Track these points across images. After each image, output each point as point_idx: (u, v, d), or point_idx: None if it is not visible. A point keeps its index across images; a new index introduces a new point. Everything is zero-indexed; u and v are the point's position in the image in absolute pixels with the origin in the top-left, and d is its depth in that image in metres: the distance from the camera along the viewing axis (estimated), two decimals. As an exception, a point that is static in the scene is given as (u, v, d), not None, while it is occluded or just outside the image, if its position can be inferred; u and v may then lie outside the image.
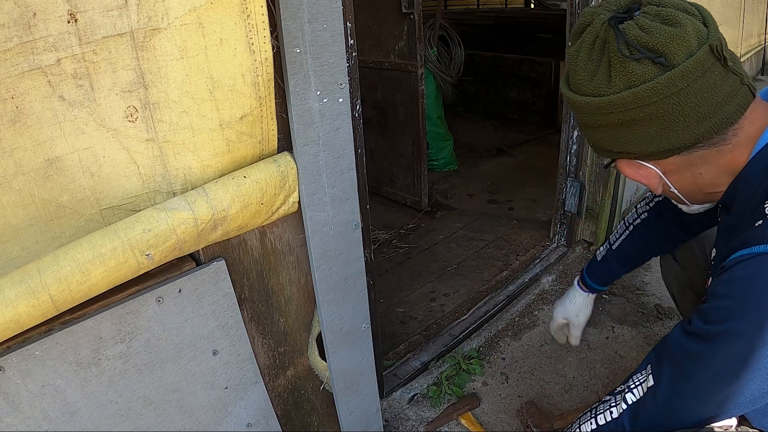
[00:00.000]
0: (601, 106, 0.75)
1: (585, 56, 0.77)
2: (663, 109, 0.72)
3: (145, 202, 0.80)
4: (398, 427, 1.56)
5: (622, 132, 0.77)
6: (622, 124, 0.75)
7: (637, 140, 0.76)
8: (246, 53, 0.80)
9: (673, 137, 0.74)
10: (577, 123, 0.89)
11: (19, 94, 0.65)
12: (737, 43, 4.34)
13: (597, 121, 0.78)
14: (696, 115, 0.73)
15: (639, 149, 0.78)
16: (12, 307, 0.67)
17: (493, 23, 5.16)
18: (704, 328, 0.72)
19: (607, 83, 0.74)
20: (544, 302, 2.08)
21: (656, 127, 0.74)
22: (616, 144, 0.79)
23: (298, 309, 1.13)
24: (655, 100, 0.71)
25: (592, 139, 0.84)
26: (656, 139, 0.75)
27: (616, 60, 0.72)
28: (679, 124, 0.73)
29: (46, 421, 0.79)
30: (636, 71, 0.71)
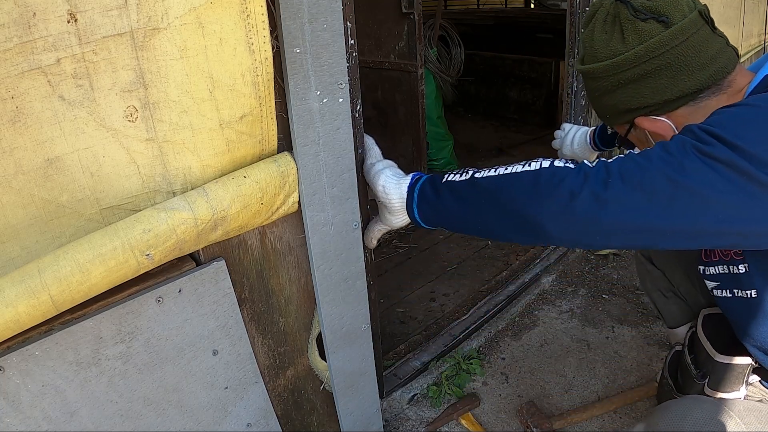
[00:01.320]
0: (620, 64, 0.89)
1: (600, 29, 0.92)
2: (670, 59, 0.86)
3: (144, 201, 0.80)
4: (398, 427, 1.56)
5: (641, 85, 0.89)
6: (640, 77, 0.88)
7: (654, 91, 0.89)
8: (246, 53, 0.80)
9: (682, 84, 0.86)
10: (595, 97, 0.99)
11: (19, 94, 0.65)
12: (737, 43, 4.34)
13: (618, 80, 0.91)
14: (697, 64, 0.86)
15: (656, 98, 0.89)
16: (12, 307, 0.67)
17: (493, 23, 5.16)
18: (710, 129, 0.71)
19: (622, 44, 0.89)
20: (544, 302, 2.08)
21: (667, 77, 0.87)
22: (635, 99, 0.91)
23: (298, 309, 1.13)
24: (663, 51, 0.85)
25: (611, 107, 0.95)
26: (669, 87, 0.87)
27: (627, 23, 0.87)
28: (685, 72, 0.86)
29: (46, 421, 0.79)
30: (645, 29, 0.86)
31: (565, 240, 0.76)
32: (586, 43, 0.96)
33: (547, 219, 0.73)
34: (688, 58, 0.86)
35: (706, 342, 1.02)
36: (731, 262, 0.90)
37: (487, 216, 0.81)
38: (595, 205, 0.70)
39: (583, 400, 1.60)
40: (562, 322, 1.95)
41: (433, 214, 0.90)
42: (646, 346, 1.79)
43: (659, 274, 1.34)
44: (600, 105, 1.00)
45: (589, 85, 0.99)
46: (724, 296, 0.94)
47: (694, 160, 0.68)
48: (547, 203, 0.73)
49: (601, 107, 1.00)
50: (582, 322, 1.94)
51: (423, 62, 2.63)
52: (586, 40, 0.96)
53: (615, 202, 0.70)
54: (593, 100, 1.02)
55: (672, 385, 1.12)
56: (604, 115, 1.01)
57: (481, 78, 4.70)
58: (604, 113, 1.00)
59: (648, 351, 1.76)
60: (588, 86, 1.01)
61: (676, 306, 1.33)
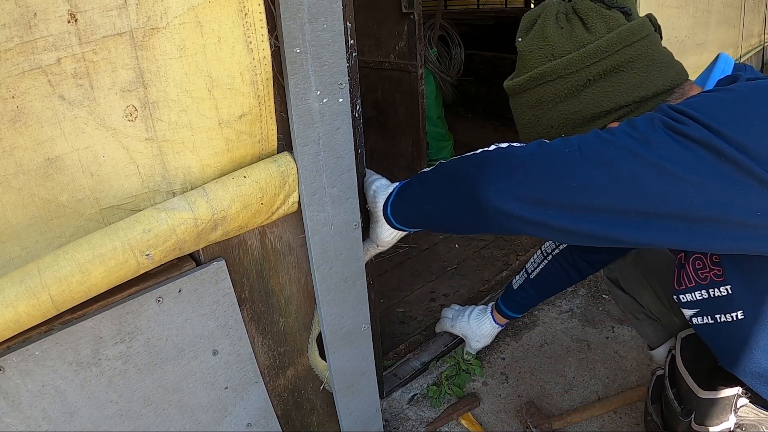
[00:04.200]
0: (589, 55, 0.79)
1: (552, 26, 0.82)
2: (641, 51, 0.79)
3: (144, 201, 0.80)
4: (398, 427, 1.56)
5: (612, 81, 0.79)
6: (612, 71, 0.79)
7: (627, 87, 0.79)
8: (244, 52, 0.80)
9: (655, 80, 0.80)
10: (547, 109, 0.83)
11: (19, 94, 0.65)
12: (738, 43, 4.34)
13: (585, 77, 0.80)
14: (664, 60, 0.81)
15: (630, 96, 0.80)
16: (12, 307, 0.67)
17: (493, 23, 5.16)
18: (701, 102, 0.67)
19: (588, 34, 0.80)
20: (544, 302, 2.08)
21: (639, 72, 0.79)
22: (607, 99, 0.80)
23: (298, 309, 1.13)
24: (635, 41, 0.78)
25: (572, 114, 0.82)
26: (642, 83, 0.79)
27: (591, 12, 0.79)
28: (656, 67, 0.80)
29: (46, 421, 0.79)
30: (612, 16, 0.79)
31: (505, 210, 0.67)
32: (533, 46, 0.83)
33: (489, 181, 0.68)
34: (656, 52, 0.80)
35: (688, 377, 0.93)
36: (710, 284, 0.80)
37: (441, 195, 0.79)
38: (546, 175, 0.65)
39: (583, 400, 1.60)
40: (562, 322, 1.95)
41: (401, 207, 0.90)
42: (646, 346, 1.79)
43: (628, 298, 1.32)
44: (554, 117, 0.84)
45: (538, 94, 0.84)
46: (705, 323, 0.85)
47: (663, 136, 0.62)
48: (494, 168, 0.69)
49: (556, 119, 0.84)
50: (582, 322, 1.94)
51: (423, 62, 2.62)
52: (531, 44, 0.83)
53: (568, 176, 0.64)
54: (541, 114, 0.84)
55: (659, 424, 1.07)
56: (558, 134, 0.84)
57: (481, 78, 4.70)
58: (561, 126, 0.84)
59: (648, 350, 1.76)
60: (534, 98, 0.85)
61: (650, 327, 1.31)
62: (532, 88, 0.84)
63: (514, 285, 1.43)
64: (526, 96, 0.86)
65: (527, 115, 0.87)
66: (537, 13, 0.85)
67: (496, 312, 1.46)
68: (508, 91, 0.89)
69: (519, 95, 0.87)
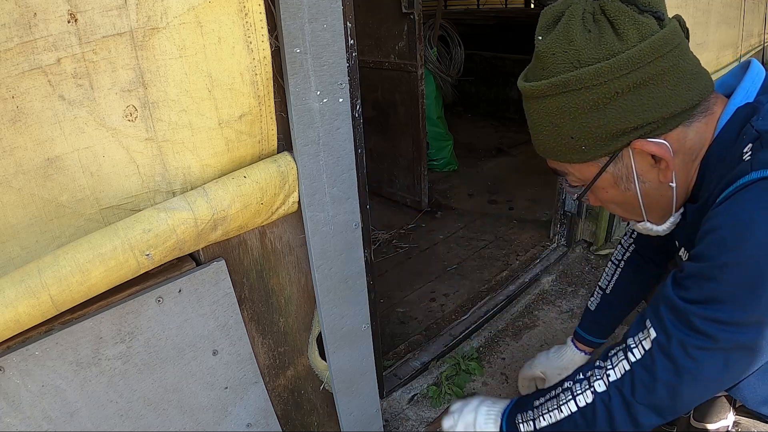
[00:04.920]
0: (620, 66, 0.71)
1: (579, 28, 0.73)
2: (673, 62, 0.72)
3: (144, 201, 0.80)
4: (398, 427, 1.56)
5: (642, 95, 0.73)
6: (642, 83, 0.72)
7: (657, 102, 0.73)
8: (244, 52, 0.80)
9: (684, 94, 0.74)
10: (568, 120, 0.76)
11: (19, 94, 0.65)
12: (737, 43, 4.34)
13: (614, 89, 0.72)
14: (693, 72, 0.75)
15: (660, 112, 0.74)
16: (12, 307, 0.67)
17: (493, 23, 5.17)
18: (701, 267, 0.69)
19: (619, 41, 0.71)
20: (544, 302, 2.08)
21: (669, 85, 0.73)
22: (634, 115, 0.74)
23: (298, 309, 1.13)
24: (668, 50, 0.72)
25: (595, 129, 0.76)
26: (672, 98, 0.73)
27: (622, 16, 0.71)
28: (685, 80, 0.74)
29: (46, 421, 0.79)
30: (645, 22, 0.71)
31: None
32: (556, 49, 0.74)
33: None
34: (686, 62, 0.74)
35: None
36: None
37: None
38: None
39: (583, 400, 1.59)
40: (562, 323, 1.95)
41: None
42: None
43: None
44: (575, 128, 0.77)
45: (559, 103, 0.76)
46: None
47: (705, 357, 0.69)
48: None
49: (577, 131, 0.77)
50: (582, 322, 1.94)
51: (423, 62, 2.62)
52: (554, 46, 0.75)
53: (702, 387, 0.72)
54: (561, 124, 0.78)
55: None
56: (578, 146, 0.78)
57: (481, 78, 4.70)
58: (582, 140, 0.78)
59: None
60: (554, 106, 0.77)
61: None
62: (553, 95, 0.76)
63: (591, 306, 1.31)
64: (545, 102, 0.78)
65: (544, 122, 0.80)
66: (560, 9, 0.77)
67: (576, 341, 1.35)
68: (525, 93, 0.82)
69: (536, 100, 0.79)
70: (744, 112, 0.76)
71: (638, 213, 0.86)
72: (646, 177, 0.80)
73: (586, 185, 0.85)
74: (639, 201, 0.83)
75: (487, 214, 2.89)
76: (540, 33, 0.79)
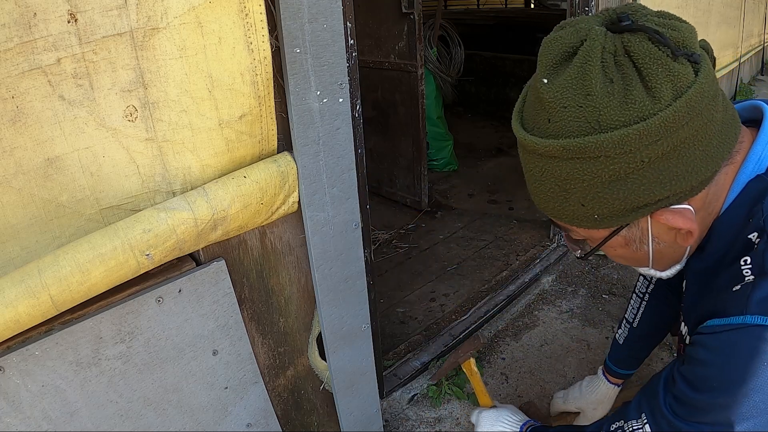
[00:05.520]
0: (651, 132, 0.56)
1: (599, 77, 0.58)
2: (708, 116, 0.59)
3: (144, 201, 0.80)
4: (398, 427, 1.56)
5: (670, 162, 0.59)
6: (672, 150, 0.58)
7: (686, 169, 0.60)
8: (245, 52, 0.80)
9: (717, 153, 0.62)
10: (583, 188, 0.62)
11: (19, 94, 0.65)
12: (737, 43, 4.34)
13: (639, 159, 0.58)
14: (726, 120, 0.63)
15: (687, 182, 0.61)
16: (12, 307, 0.67)
17: (493, 23, 5.17)
18: (691, 396, 0.71)
19: (649, 99, 0.57)
20: (544, 302, 2.08)
21: (702, 145, 0.60)
22: (659, 186, 0.61)
23: (298, 309, 1.13)
24: (704, 106, 0.58)
25: (614, 201, 0.62)
26: (703, 161, 0.61)
27: (654, 66, 0.57)
28: (719, 134, 0.62)
29: (46, 421, 0.79)
30: (680, 72, 0.57)
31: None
32: (568, 102, 0.59)
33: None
34: (720, 113, 0.61)
35: None
36: None
37: None
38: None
39: (583, 400, 1.59)
40: (562, 322, 1.95)
41: None
42: (646, 346, 1.79)
43: None
44: (588, 197, 0.63)
45: (570, 168, 0.62)
46: None
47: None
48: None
49: (590, 200, 0.64)
50: (582, 322, 1.94)
51: (423, 62, 2.62)
52: (565, 97, 0.60)
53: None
54: (571, 190, 0.64)
55: None
56: (590, 214, 0.65)
57: (481, 78, 4.70)
58: (596, 210, 0.64)
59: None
60: (565, 171, 0.62)
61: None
62: (564, 159, 0.61)
63: (619, 339, 1.29)
64: (552, 163, 0.63)
65: (549, 183, 0.66)
66: (571, 43, 0.61)
67: (607, 374, 1.35)
68: (525, 146, 0.66)
69: (541, 157, 0.64)
70: (756, 188, 0.67)
71: (644, 264, 0.78)
72: (662, 239, 0.71)
73: (591, 246, 0.76)
74: (649, 258, 0.75)
75: (487, 214, 2.89)
76: (545, 73, 0.63)
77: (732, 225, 0.70)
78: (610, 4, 2.13)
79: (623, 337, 1.29)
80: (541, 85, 0.62)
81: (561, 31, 0.64)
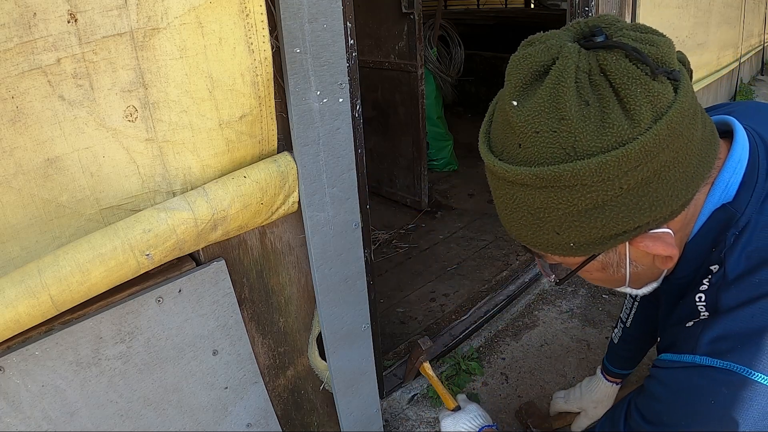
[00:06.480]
0: (631, 157, 0.53)
1: (573, 99, 0.54)
2: (688, 136, 0.56)
3: (144, 202, 0.80)
4: (398, 427, 1.56)
5: (650, 188, 0.56)
6: (652, 175, 0.55)
7: (666, 194, 0.57)
8: (245, 53, 0.80)
9: (697, 174, 0.59)
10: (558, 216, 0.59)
11: (19, 94, 0.65)
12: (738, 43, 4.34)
13: (617, 186, 0.55)
14: (706, 138, 0.60)
15: (667, 207, 0.58)
16: (12, 307, 0.67)
17: (493, 23, 5.16)
18: (644, 427, 0.71)
19: (628, 122, 0.53)
20: (544, 302, 2.08)
21: (682, 167, 0.57)
22: (638, 213, 0.57)
23: (298, 309, 1.13)
24: (684, 126, 0.55)
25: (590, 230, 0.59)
26: (684, 183, 0.58)
27: (632, 86, 0.53)
28: (699, 154, 0.58)
29: (46, 421, 0.79)
30: (660, 92, 0.54)
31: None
32: (541, 126, 0.55)
33: None
34: (700, 131, 0.58)
35: None
36: None
37: None
38: None
39: (583, 400, 1.59)
40: (562, 322, 1.95)
41: None
42: (648, 348, 1.79)
43: None
44: (563, 226, 0.60)
45: (544, 197, 0.58)
46: None
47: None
48: None
49: (565, 229, 0.60)
50: (582, 322, 1.94)
51: (423, 62, 2.62)
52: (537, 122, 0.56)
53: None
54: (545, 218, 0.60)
55: None
56: (565, 243, 0.62)
57: (481, 78, 4.70)
58: (571, 239, 0.61)
59: (648, 351, 1.77)
60: (538, 201, 0.59)
61: None
62: (537, 187, 0.58)
63: (614, 339, 1.30)
64: (524, 192, 0.59)
65: (521, 212, 0.62)
66: (543, 62, 0.57)
67: (605, 373, 1.37)
68: (493, 172, 0.62)
69: (511, 185, 0.60)
70: (721, 218, 0.65)
71: (621, 285, 0.75)
72: (641, 262, 0.69)
73: (567, 272, 0.73)
74: (626, 280, 0.72)
75: (487, 214, 2.89)
76: (514, 94, 0.58)
77: (698, 253, 0.68)
78: (609, 5, 2.13)
79: (618, 336, 1.30)
80: (510, 107, 0.58)
81: (530, 48, 0.59)
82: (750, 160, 0.66)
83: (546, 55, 0.57)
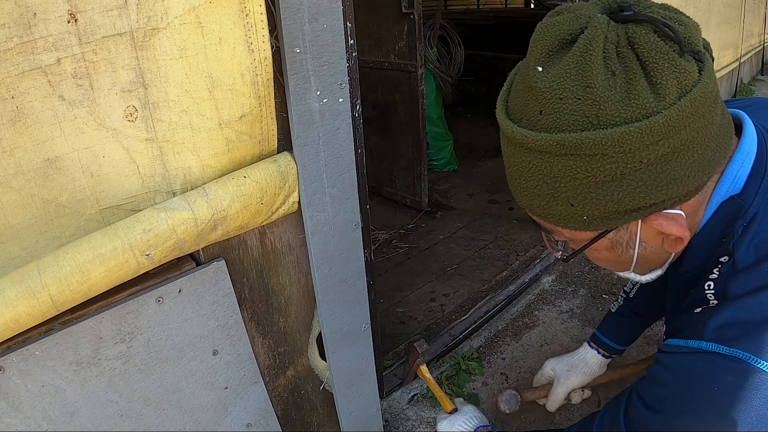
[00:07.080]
0: (653, 131, 0.53)
1: (600, 68, 0.54)
2: (709, 118, 0.56)
3: (144, 202, 0.80)
4: (398, 427, 1.56)
5: (669, 165, 0.56)
6: (672, 152, 0.55)
7: (684, 173, 0.57)
8: (245, 52, 0.80)
9: (715, 156, 0.59)
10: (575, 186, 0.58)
11: (19, 94, 0.65)
12: (738, 43, 4.34)
13: (637, 160, 0.55)
14: (723, 123, 0.60)
15: (684, 187, 0.58)
16: (12, 307, 0.67)
17: (493, 23, 5.16)
18: (645, 413, 0.71)
19: (653, 96, 0.54)
20: (544, 302, 2.08)
21: (701, 148, 0.57)
22: (655, 190, 0.57)
23: (298, 309, 1.13)
24: (706, 107, 0.56)
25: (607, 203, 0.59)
26: (701, 164, 0.58)
27: (660, 60, 0.53)
28: (718, 137, 0.59)
29: (46, 421, 0.79)
30: (686, 70, 0.54)
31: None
32: (565, 93, 0.55)
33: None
34: (719, 115, 0.59)
35: None
36: None
37: None
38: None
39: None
40: (562, 323, 1.95)
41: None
42: (645, 345, 1.79)
43: None
44: (579, 197, 0.59)
45: (563, 165, 0.58)
46: None
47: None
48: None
49: (580, 201, 0.60)
50: (582, 322, 1.94)
51: (423, 62, 2.62)
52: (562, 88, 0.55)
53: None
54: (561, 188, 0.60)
55: None
56: (578, 215, 0.61)
57: (481, 78, 4.70)
58: (585, 211, 0.61)
59: (648, 350, 1.76)
60: (556, 168, 0.58)
61: None
62: (556, 155, 0.57)
63: (613, 309, 1.26)
64: (542, 159, 0.59)
65: (536, 181, 0.61)
66: (572, 30, 0.57)
67: (594, 344, 1.30)
68: (511, 139, 0.62)
69: (529, 151, 0.60)
70: (729, 210, 0.66)
71: (626, 269, 0.76)
72: (650, 244, 0.69)
73: (575, 248, 0.72)
74: (632, 263, 0.72)
75: (487, 214, 2.89)
76: (540, 60, 0.58)
77: (706, 245, 0.69)
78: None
79: (617, 305, 1.28)
80: (534, 73, 0.57)
81: (558, 16, 0.59)
82: (758, 154, 0.67)
83: (575, 23, 0.57)
